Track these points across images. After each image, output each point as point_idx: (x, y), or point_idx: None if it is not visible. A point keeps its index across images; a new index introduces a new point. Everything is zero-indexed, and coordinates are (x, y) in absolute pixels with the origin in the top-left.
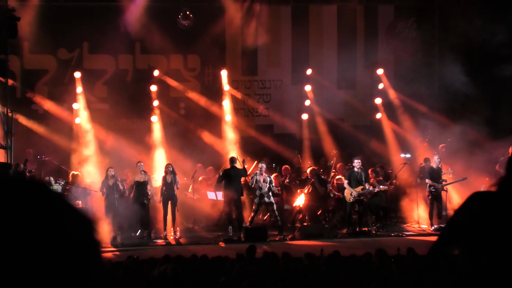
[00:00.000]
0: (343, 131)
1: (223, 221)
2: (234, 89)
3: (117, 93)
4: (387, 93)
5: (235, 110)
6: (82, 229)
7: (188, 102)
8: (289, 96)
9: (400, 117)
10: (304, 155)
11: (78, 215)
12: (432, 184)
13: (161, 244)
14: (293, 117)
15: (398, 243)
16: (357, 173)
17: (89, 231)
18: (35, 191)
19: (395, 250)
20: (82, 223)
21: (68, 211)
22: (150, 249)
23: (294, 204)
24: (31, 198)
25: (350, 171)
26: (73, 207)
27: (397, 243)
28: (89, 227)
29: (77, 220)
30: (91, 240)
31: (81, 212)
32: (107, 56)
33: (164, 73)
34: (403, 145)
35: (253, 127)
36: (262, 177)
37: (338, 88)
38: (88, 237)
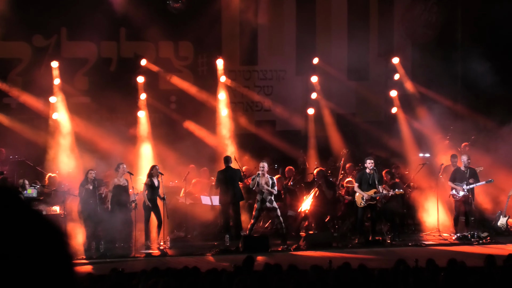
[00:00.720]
0: (354, 127)
1: (219, 229)
2: (232, 81)
3: (100, 85)
4: (404, 84)
5: (233, 104)
6: (50, 242)
7: (180, 95)
8: (293, 88)
9: (418, 111)
10: (310, 155)
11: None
12: (454, 187)
13: (149, 255)
14: (298, 111)
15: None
16: (369, 174)
17: (59, 244)
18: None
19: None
20: (51, 236)
21: (36, 223)
22: (137, 261)
23: (299, 210)
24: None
25: (361, 173)
26: (42, 218)
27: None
28: (59, 240)
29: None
30: (61, 253)
31: (51, 224)
32: (88, 43)
33: (153, 62)
34: (422, 143)
35: (253, 123)
36: (264, 178)
37: (348, 79)
38: (57, 250)
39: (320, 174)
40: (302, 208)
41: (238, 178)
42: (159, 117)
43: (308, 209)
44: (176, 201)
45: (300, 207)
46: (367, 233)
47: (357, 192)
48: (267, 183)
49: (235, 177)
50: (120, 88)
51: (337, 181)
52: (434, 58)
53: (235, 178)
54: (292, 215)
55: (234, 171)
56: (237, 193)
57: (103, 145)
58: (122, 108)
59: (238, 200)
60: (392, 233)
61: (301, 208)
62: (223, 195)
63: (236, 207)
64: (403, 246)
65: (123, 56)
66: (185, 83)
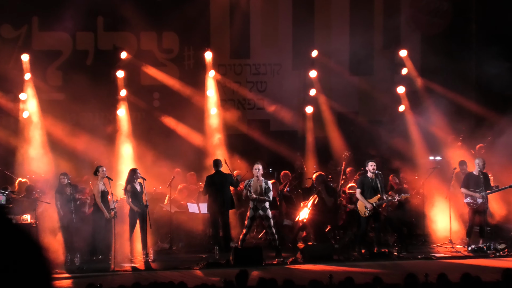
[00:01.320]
0: (357, 127)
1: (207, 240)
2: (221, 75)
3: (75, 80)
4: (412, 80)
5: (223, 102)
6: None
7: (164, 91)
8: (289, 84)
9: (428, 110)
10: (308, 158)
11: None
12: (469, 194)
13: (129, 270)
14: (294, 109)
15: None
16: (372, 179)
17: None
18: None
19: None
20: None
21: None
22: (117, 275)
23: (296, 219)
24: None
25: (363, 178)
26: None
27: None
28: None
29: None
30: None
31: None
32: (62, 34)
33: (134, 55)
34: (432, 145)
35: (244, 122)
36: (259, 183)
37: (351, 73)
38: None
39: (320, 179)
40: (300, 217)
41: (229, 183)
42: (140, 116)
43: (306, 218)
44: (160, 209)
45: (297, 216)
46: (371, 245)
47: (359, 199)
48: (261, 188)
49: (226, 183)
50: (97, 83)
51: (338, 187)
52: (445, 51)
53: (225, 183)
54: (289, 224)
55: (225, 176)
56: (227, 200)
57: (78, 146)
58: (100, 106)
59: (228, 208)
60: (399, 245)
61: (299, 217)
62: (212, 202)
63: (226, 216)
64: (412, 259)
65: (100, 48)
66: (169, 78)
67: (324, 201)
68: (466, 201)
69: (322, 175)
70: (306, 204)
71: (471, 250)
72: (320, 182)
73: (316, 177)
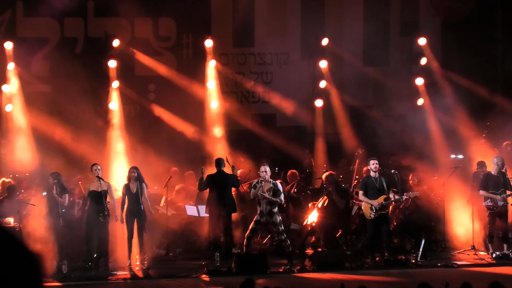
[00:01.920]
0: (371, 122)
1: (207, 246)
2: (223, 66)
3: (63, 70)
4: (432, 71)
5: (225, 94)
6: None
7: (160, 82)
8: (297, 75)
9: (450, 103)
10: (318, 156)
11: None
12: (488, 197)
13: (123, 277)
14: (303, 103)
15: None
16: (375, 179)
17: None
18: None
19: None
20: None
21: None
22: (108, 285)
23: (305, 223)
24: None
25: (366, 178)
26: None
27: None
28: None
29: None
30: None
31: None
32: (48, 19)
33: (127, 43)
34: (454, 142)
35: (248, 117)
36: (267, 185)
37: (364, 64)
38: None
39: (330, 180)
40: (308, 221)
41: (231, 184)
42: (134, 109)
43: (315, 222)
44: (155, 211)
45: (305, 219)
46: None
47: (363, 201)
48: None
49: (228, 184)
50: (87, 74)
51: (350, 188)
52: (468, 39)
53: (227, 184)
54: (296, 229)
55: (227, 177)
56: (229, 203)
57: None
58: (90, 99)
59: (230, 211)
60: (417, 251)
61: (307, 220)
62: (212, 204)
63: (228, 220)
64: (431, 267)
65: (91, 36)
66: (166, 68)
67: (335, 203)
68: (486, 204)
69: (332, 174)
70: (315, 206)
71: (495, 257)
72: (331, 183)
73: (326, 177)
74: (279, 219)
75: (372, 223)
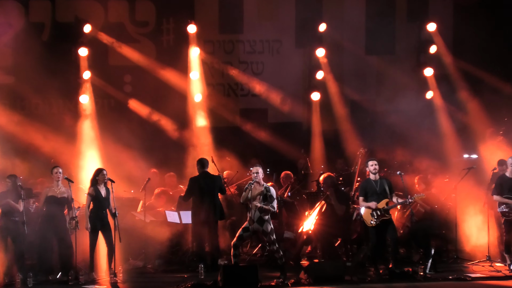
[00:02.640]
0: (374, 118)
1: (190, 257)
2: (208, 54)
3: (28, 59)
4: (442, 60)
5: (210, 86)
6: None
7: (137, 73)
8: (292, 65)
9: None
10: (315, 156)
11: None
12: (503, 202)
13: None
14: (298, 97)
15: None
16: (375, 182)
17: None
18: None
19: None
20: None
21: None
22: None
23: (300, 230)
24: None
25: (364, 183)
26: None
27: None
28: None
29: None
30: None
31: None
32: (11, 2)
33: (100, 29)
34: (467, 140)
35: (237, 112)
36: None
37: (367, 52)
38: None
39: (328, 182)
40: (304, 228)
41: (218, 188)
42: (108, 104)
43: (311, 230)
44: (132, 218)
45: (300, 227)
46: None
47: (363, 207)
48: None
49: (214, 187)
50: (55, 64)
51: (351, 192)
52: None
53: (213, 187)
54: (290, 237)
55: (212, 179)
56: (215, 208)
57: (32, 141)
58: (59, 91)
59: (217, 217)
60: (425, 263)
61: (302, 227)
62: (196, 210)
63: (214, 227)
64: (441, 280)
65: (59, 21)
66: (144, 57)
67: (333, 209)
68: (501, 210)
69: (331, 176)
70: (311, 212)
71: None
72: (329, 186)
73: (324, 180)
74: (270, 227)
75: (374, 230)
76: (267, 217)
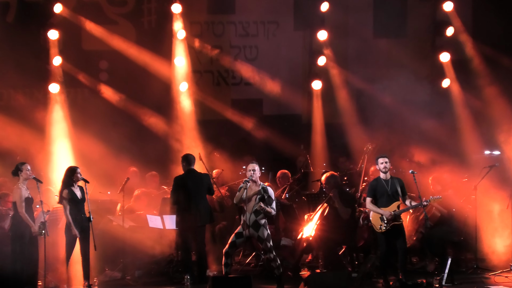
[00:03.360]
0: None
1: (174, 267)
2: (195, 38)
3: None
4: (461, 44)
5: (197, 74)
6: None
7: (114, 59)
8: (290, 49)
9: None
10: (316, 152)
11: None
12: None
13: None
14: (296, 85)
15: None
16: (386, 181)
17: None
18: None
19: None
20: None
21: None
22: None
23: (299, 237)
24: None
25: (374, 182)
26: None
27: None
28: None
29: None
30: None
31: None
32: None
33: (73, 9)
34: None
35: (228, 103)
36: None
37: (375, 35)
38: None
39: (332, 182)
40: (304, 234)
41: (206, 188)
42: (82, 93)
43: (312, 236)
44: (108, 223)
45: (300, 233)
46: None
47: (372, 210)
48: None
49: (201, 187)
50: (21, 48)
51: (357, 193)
52: (507, 3)
53: (201, 188)
54: (288, 244)
55: (200, 177)
56: (203, 211)
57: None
58: (25, 79)
59: (205, 221)
60: (442, 273)
61: (302, 233)
62: (182, 214)
63: (202, 233)
64: None
65: (26, 0)
66: (122, 40)
67: (337, 212)
68: None
69: (334, 176)
70: (312, 216)
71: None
72: (332, 186)
73: (327, 179)
74: (267, 233)
75: (384, 237)
76: (264, 221)
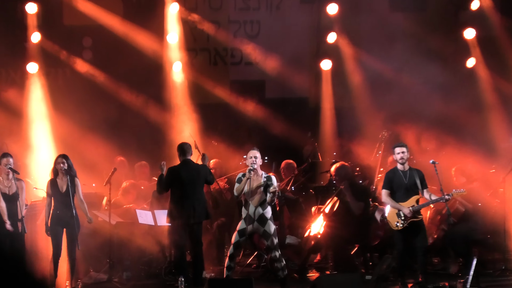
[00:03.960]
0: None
1: (167, 269)
2: (190, 12)
3: None
4: (487, 19)
5: (192, 52)
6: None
7: (99, 35)
8: (296, 25)
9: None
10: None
11: None
12: None
13: None
14: (303, 65)
15: None
16: (403, 173)
17: None
18: None
19: None
20: None
21: None
22: None
23: (306, 234)
24: None
25: (390, 173)
26: None
27: None
28: None
29: None
30: None
31: None
32: None
33: None
34: None
35: (226, 84)
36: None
37: (391, 9)
38: None
39: (342, 174)
40: (312, 232)
41: (203, 180)
42: (63, 73)
43: (321, 234)
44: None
45: (307, 230)
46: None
47: (389, 204)
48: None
49: (198, 179)
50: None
51: (372, 186)
52: None
53: (197, 179)
54: (294, 243)
55: (197, 169)
56: (199, 206)
57: None
58: (1, 58)
59: (201, 217)
60: (466, 276)
61: (310, 231)
62: (175, 209)
63: (198, 230)
64: None
65: None
66: (108, 14)
67: (348, 207)
68: None
69: (345, 166)
70: (321, 211)
71: None
72: (343, 178)
73: (337, 170)
74: (274, 228)
75: (401, 235)
76: (270, 214)
